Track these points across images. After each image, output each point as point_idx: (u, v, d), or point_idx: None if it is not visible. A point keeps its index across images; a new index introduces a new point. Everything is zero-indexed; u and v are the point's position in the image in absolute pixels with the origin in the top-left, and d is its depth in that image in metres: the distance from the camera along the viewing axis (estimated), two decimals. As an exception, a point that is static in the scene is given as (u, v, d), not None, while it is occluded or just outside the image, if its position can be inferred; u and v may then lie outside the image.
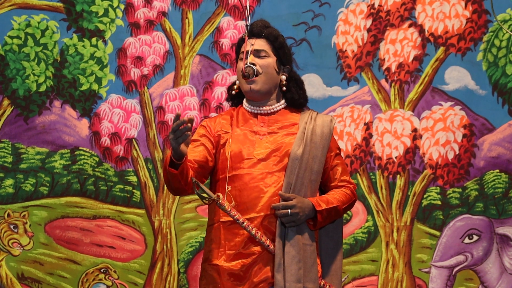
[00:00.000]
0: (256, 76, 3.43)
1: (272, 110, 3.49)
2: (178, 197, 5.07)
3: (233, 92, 3.54)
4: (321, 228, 3.50)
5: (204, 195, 3.30)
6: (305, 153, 3.39)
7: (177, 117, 3.10)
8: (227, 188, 3.39)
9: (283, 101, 3.52)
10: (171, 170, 3.22)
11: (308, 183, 3.39)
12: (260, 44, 3.47)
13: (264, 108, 3.49)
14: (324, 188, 3.51)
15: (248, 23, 3.51)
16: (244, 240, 3.34)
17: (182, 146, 3.16)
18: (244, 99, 3.54)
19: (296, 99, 3.50)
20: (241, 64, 3.44)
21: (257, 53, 3.46)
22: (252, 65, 3.42)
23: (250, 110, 3.50)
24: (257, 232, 3.31)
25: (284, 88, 3.49)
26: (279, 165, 3.38)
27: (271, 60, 3.46)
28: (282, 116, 3.49)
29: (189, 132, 3.13)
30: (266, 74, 3.44)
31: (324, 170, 3.46)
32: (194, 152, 3.41)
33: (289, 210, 3.29)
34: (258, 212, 3.33)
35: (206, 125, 3.52)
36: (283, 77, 3.49)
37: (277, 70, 3.48)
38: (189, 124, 3.10)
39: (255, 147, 3.41)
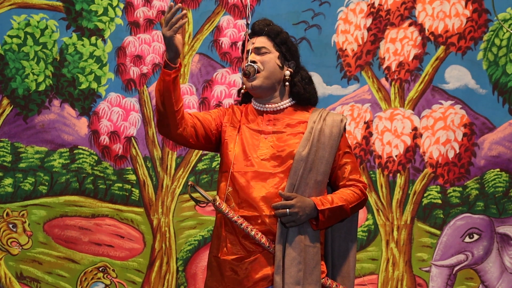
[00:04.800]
0: (258, 73, 3.41)
1: (278, 108, 3.46)
2: (177, 196, 5.07)
3: (242, 91, 3.52)
4: (331, 228, 3.47)
5: (198, 197, 3.29)
6: (311, 154, 3.36)
7: (170, 7, 3.15)
8: (228, 189, 3.37)
9: (289, 99, 3.48)
10: (166, 71, 3.23)
11: (314, 184, 3.35)
12: (260, 41, 3.45)
13: (269, 105, 3.46)
14: (333, 187, 3.48)
15: (249, 22, 3.51)
16: (244, 234, 3.31)
17: (177, 42, 3.20)
18: (253, 97, 3.52)
19: (302, 93, 3.46)
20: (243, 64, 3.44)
21: (257, 50, 3.44)
22: (252, 64, 3.40)
23: (256, 107, 3.48)
24: (257, 233, 3.28)
25: (287, 84, 3.46)
26: (282, 167, 3.35)
27: (272, 55, 3.44)
28: (288, 114, 3.46)
29: (184, 20, 3.16)
30: (267, 70, 3.41)
31: (332, 170, 3.43)
32: (200, 115, 3.46)
33: (287, 209, 3.27)
34: (260, 212, 3.31)
35: (221, 110, 3.53)
36: (287, 72, 3.46)
37: (280, 65, 3.44)
38: (184, 11, 3.14)
39: (259, 147, 3.39)
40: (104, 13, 5.18)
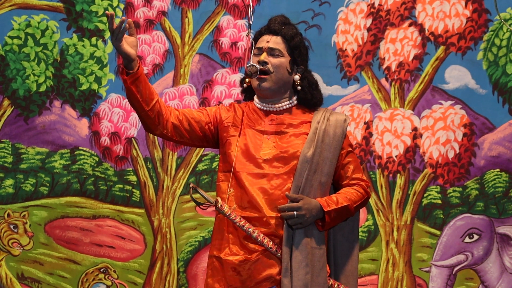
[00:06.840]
0: (267, 74, 3.39)
1: (281, 108, 3.45)
2: (177, 196, 5.08)
3: (245, 85, 3.51)
4: (333, 228, 3.47)
5: (201, 200, 3.28)
6: (316, 155, 3.36)
7: (107, 16, 3.21)
8: (229, 190, 3.37)
9: (294, 98, 3.47)
10: (123, 77, 3.25)
11: (318, 185, 3.36)
12: (275, 42, 3.42)
13: (273, 106, 3.45)
14: (336, 186, 3.49)
15: (251, 22, 3.50)
16: (246, 235, 3.31)
17: (126, 47, 3.23)
18: (255, 96, 3.51)
19: (309, 99, 3.46)
20: (250, 60, 3.43)
21: (271, 51, 3.41)
22: (254, 64, 3.39)
23: (260, 107, 3.47)
24: (259, 235, 3.28)
25: (299, 88, 3.45)
26: (285, 168, 3.35)
27: (284, 60, 3.42)
28: (292, 115, 3.45)
29: (126, 25, 3.20)
30: (277, 74, 3.40)
31: (335, 169, 3.43)
32: (191, 111, 3.45)
33: (295, 212, 3.27)
34: (264, 214, 3.31)
35: (220, 108, 3.52)
36: (297, 77, 3.45)
37: (289, 70, 3.43)
38: (123, 18, 3.18)
39: (262, 147, 3.39)
40: (105, 14, 5.18)
